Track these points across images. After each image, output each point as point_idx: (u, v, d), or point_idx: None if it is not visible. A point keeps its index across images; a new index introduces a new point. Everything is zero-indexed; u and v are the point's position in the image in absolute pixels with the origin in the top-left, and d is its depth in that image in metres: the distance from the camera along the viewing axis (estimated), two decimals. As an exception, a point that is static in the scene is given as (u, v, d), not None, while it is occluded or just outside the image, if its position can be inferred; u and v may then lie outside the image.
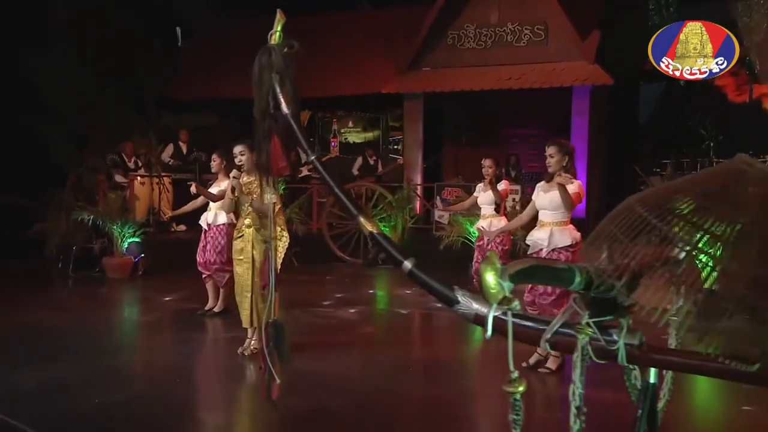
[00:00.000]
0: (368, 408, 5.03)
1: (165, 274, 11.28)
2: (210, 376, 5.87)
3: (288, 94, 2.77)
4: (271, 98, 2.77)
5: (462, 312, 2.42)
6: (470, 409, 5.25)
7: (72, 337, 6.99)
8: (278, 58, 2.78)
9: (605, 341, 2.11)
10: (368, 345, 6.91)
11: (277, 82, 2.76)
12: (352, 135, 16.50)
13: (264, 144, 2.82)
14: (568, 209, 5.76)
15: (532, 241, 5.84)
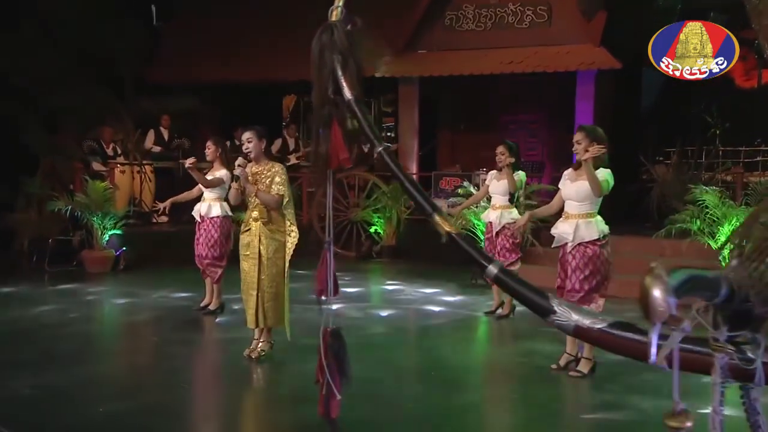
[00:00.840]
0: (397, 417, 4.86)
1: (148, 268, 11.04)
2: (218, 382, 5.67)
3: (351, 77, 2.58)
4: (332, 82, 2.58)
5: (558, 323, 2.23)
6: (501, 418, 5.09)
7: (60, 339, 6.76)
8: (341, 36, 2.59)
9: (740, 359, 1.93)
10: (383, 347, 6.73)
11: (339, 63, 2.56)
12: (342, 121, 16.23)
13: (323, 133, 2.62)
14: (596, 193, 5.58)
15: (557, 234, 5.69)
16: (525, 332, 7.29)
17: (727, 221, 8.21)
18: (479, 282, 10.21)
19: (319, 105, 2.58)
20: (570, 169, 5.81)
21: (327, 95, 2.58)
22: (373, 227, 12.92)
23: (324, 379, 2.62)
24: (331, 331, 2.66)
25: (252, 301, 5.91)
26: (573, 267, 5.53)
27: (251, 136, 5.92)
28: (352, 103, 2.53)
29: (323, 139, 2.60)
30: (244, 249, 5.99)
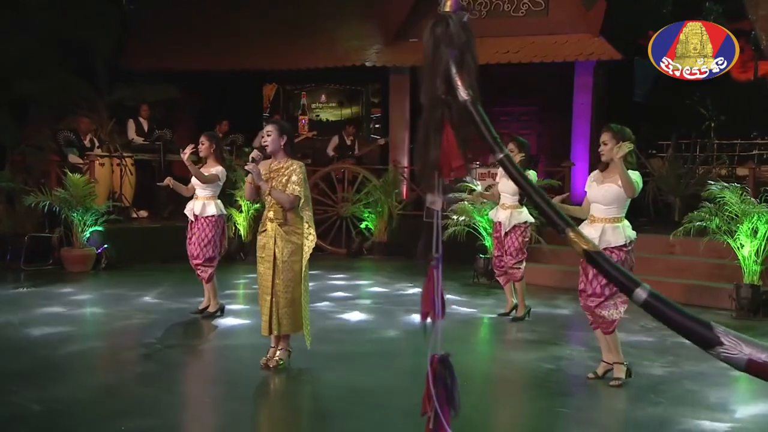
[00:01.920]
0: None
1: (132, 267, 10.70)
2: (237, 394, 5.37)
3: (468, 75, 2.34)
4: (444, 80, 2.33)
5: (726, 356, 2.02)
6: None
7: (53, 347, 6.42)
8: (457, 29, 2.34)
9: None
10: (398, 353, 6.51)
11: (455, 60, 2.31)
12: (326, 112, 15.91)
13: (434, 138, 2.37)
14: (629, 194, 5.42)
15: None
16: (546, 336, 7.14)
17: (747, 219, 8.11)
18: (481, 281, 10.07)
19: (429, 106, 2.33)
20: (596, 171, 5.64)
21: (438, 95, 2.31)
22: (364, 223, 12.68)
23: (432, 410, 2.36)
24: (440, 358, 2.41)
25: (266, 307, 5.66)
26: (595, 272, 5.35)
27: (272, 129, 5.65)
28: (468, 104, 2.28)
29: (434, 146, 2.34)
30: (260, 251, 5.74)
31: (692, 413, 4.94)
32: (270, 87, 16.16)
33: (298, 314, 5.67)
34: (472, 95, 2.32)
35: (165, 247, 11.37)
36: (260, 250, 5.74)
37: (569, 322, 8.01)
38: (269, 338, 5.79)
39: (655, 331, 7.08)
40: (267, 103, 16.19)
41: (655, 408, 5.05)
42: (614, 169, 5.40)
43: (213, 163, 7.68)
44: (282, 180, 5.62)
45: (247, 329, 7.13)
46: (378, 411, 4.96)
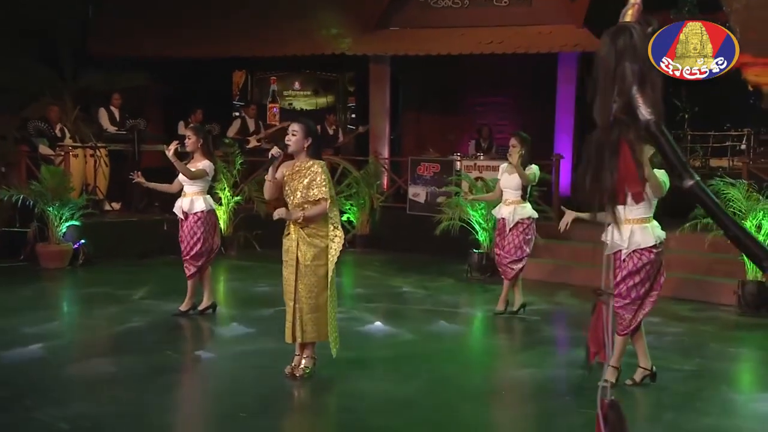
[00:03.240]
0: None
1: (110, 263, 10.27)
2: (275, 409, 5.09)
3: (652, 92, 2.11)
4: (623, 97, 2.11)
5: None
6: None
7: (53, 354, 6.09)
8: (641, 42, 2.11)
9: None
10: (422, 358, 6.28)
11: (637, 75, 2.09)
12: (301, 100, 15.52)
13: (609, 160, 2.15)
14: (658, 194, 5.29)
15: (610, 241, 5.33)
16: (556, 336, 7.03)
17: (751, 215, 8.11)
18: (475, 276, 9.91)
19: (605, 126, 2.10)
20: None
21: (614, 114, 2.09)
22: (345, 215, 12.40)
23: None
24: (610, 403, 2.20)
25: (289, 313, 5.41)
26: (624, 274, 5.26)
27: (298, 129, 5.36)
28: (651, 125, 2.06)
29: (609, 169, 2.12)
30: (284, 255, 5.49)
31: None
32: (239, 74, 15.69)
33: (323, 321, 5.42)
34: (656, 115, 2.10)
35: (142, 241, 10.99)
36: (284, 254, 5.49)
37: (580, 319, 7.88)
38: (294, 345, 5.53)
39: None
40: (236, 90, 15.72)
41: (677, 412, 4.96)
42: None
43: (200, 158, 7.38)
44: (303, 181, 5.35)
45: (259, 334, 6.85)
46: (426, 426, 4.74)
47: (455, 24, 12.77)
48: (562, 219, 5.78)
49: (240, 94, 15.69)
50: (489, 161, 11.51)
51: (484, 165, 11.38)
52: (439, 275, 9.97)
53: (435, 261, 10.73)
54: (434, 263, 10.64)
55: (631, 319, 5.31)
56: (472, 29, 12.53)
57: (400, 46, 12.85)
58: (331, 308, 5.41)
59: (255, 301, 8.29)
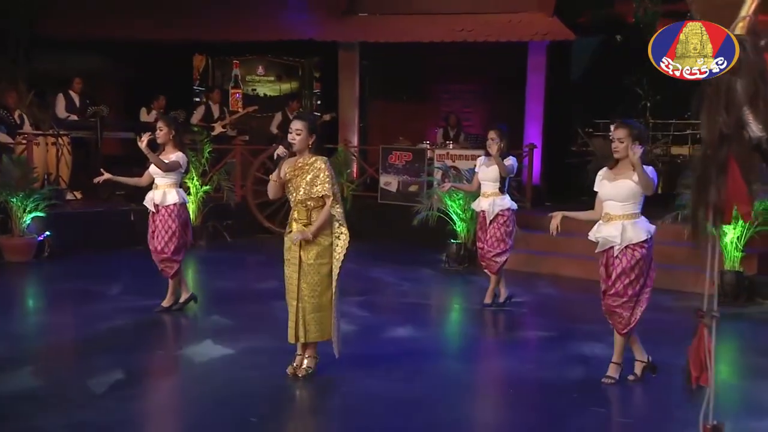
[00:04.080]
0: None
1: (77, 255, 9.93)
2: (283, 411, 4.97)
3: (764, 108, 2.04)
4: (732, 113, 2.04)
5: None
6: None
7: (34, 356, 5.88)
8: (754, 56, 2.04)
9: None
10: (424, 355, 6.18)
11: (747, 91, 2.02)
12: (264, 86, 15.24)
13: (717, 178, 2.08)
14: (650, 191, 5.31)
15: (602, 238, 5.34)
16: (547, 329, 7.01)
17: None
18: (452, 267, 9.87)
19: (713, 143, 2.03)
20: (604, 169, 5.46)
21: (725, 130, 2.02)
22: (315, 204, 12.24)
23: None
24: (713, 428, 2.14)
25: (292, 313, 5.27)
26: (619, 271, 5.27)
27: (302, 127, 5.20)
28: (763, 142, 1.99)
29: (716, 186, 2.05)
30: (286, 253, 5.35)
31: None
32: (199, 58, 15.33)
33: (327, 320, 5.31)
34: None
35: (108, 232, 10.66)
36: (286, 252, 5.35)
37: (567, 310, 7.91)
38: (295, 345, 5.40)
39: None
40: (197, 75, 15.37)
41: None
42: (625, 166, 5.26)
43: (172, 149, 7.13)
44: (306, 178, 5.22)
45: (246, 330, 6.70)
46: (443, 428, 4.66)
47: (425, 11, 12.67)
48: (552, 222, 5.68)
49: (201, 78, 15.35)
50: (462, 150, 11.48)
51: (457, 154, 11.33)
52: (416, 265, 9.90)
53: (409, 250, 10.66)
54: (408, 253, 10.57)
55: (629, 316, 5.31)
56: (443, 16, 12.46)
57: (370, 32, 12.70)
58: (334, 307, 5.31)
59: (233, 295, 8.13)
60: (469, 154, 11.26)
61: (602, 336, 6.48)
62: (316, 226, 5.18)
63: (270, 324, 6.95)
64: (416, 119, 14.41)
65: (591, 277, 9.25)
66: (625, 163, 5.28)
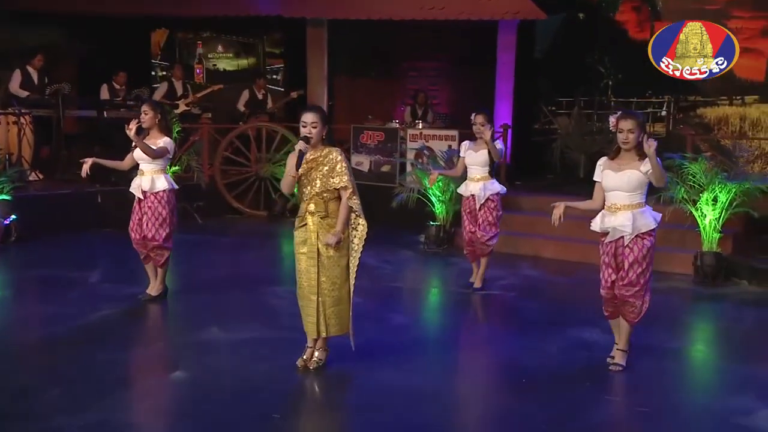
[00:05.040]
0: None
1: (45, 239, 9.65)
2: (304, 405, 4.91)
3: None
4: None
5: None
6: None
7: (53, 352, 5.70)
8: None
9: None
10: (424, 343, 6.22)
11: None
12: (223, 61, 14.94)
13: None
14: (663, 183, 5.40)
15: (612, 228, 5.39)
16: (541, 314, 7.07)
17: (708, 189, 8.39)
18: (431, 248, 9.87)
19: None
20: (605, 159, 5.50)
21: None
22: (286, 184, 12.09)
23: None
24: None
25: (312, 308, 5.17)
26: (631, 260, 5.35)
27: (317, 120, 5.08)
28: None
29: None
30: (300, 246, 5.22)
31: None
32: (160, 33, 14.93)
33: (345, 313, 5.26)
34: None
35: (74, 214, 10.36)
36: (300, 245, 5.22)
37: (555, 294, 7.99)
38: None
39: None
40: (158, 50, 14.96)
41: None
42: (629, 156, 5.30)
43: (158, 135, 6.93)
44: (323, 170, 5.12)
45: (237, 320, 6.59)
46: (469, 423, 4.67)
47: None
48: (555, 212, 5.69)
49: (162, 54, 14.96)
50: (435, 130, 11.44)
51: (430, 134, 11.29)
52: (396, 247, 9.86)
53: (386, 232, 10.53)
54: (386, 234, 10.44)
55: (641, 305, 5.40)
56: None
57: (340, 9, 12.50)
58: (350, 299, 5.28)
59: (217, 282, 7.93)
60: (443, 134, 11.24)
61: (596, 321, 6.54)
62: (341, 222, 5.10)
63: (260, 312, 6.89)
64: (383, 97, 14.33)
65: (569, 258, 9.49)
66: (629, 154, 5.32)
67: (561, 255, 9.61)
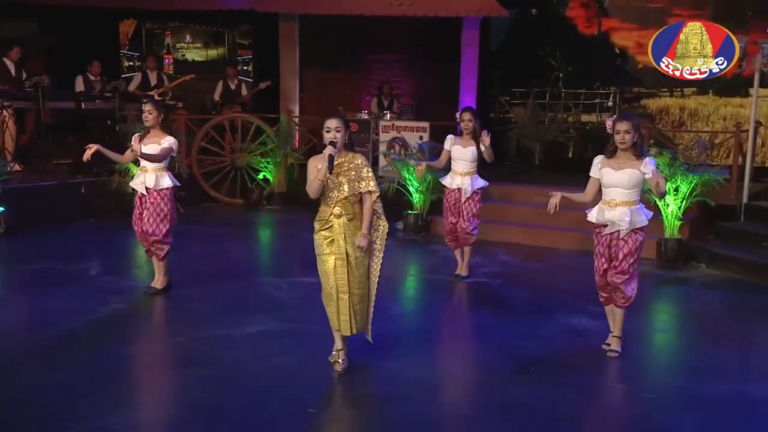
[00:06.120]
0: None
1: (34, 231, 9.38)
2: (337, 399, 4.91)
3: None
4: None
5: None
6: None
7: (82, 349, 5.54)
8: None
9: None
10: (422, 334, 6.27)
11: None
12: (192, 51, 14.64)
13: None
14: (660, 196, 5.69)
15: (610, 222, 5.56)
16: (529, 301, 7.20)
17: (671, 181, 8.64)
18: (409, 236, 9.93)
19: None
20: (602, 157, 5.65)
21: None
22: (261, 173, 11.99)
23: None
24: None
25: (345, 306, 5.08)
26: (626, 252, 5.54)
27: (340, 125, 5.02)
28: None
29: None
30: (326, 248, 5.10)
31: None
32: (128, 23, 14.53)
33: (365, 311, 5.27)
34: None
35: (59, 206, 10.10)
36: (325, 246, 5.10)
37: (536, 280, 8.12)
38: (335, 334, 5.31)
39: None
40: (126, 40, 14.56)
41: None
42: (627, 156, 5.46)
43: (161, 134, 6.81)
44: (350, 174, 5.05)
45: (247, 312, 6.55)
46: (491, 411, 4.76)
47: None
48: (551, 201, 5.82)
49: (130, 44, 14.57)
50: (408, 122, 11.47)
51: (402, 126, 11.32)
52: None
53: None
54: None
55: (631, 291, 5.60)
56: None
57: (311, 4, 12.37)
58: (372, 296, 5.28)
59: (213, 274, 7.78)
60: (414, 125, 11.29)
61: (583, 307, 6.76)
62: (366, 224, 5.05)
63: (264, 305, 6.82)
64: (351, 88, 14.27)
65: (536, 243, 9.68)
66: (626, 153, 5.48)
67: (527, 240, 9.80)
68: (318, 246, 5.18)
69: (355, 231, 5.10)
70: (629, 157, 5.47)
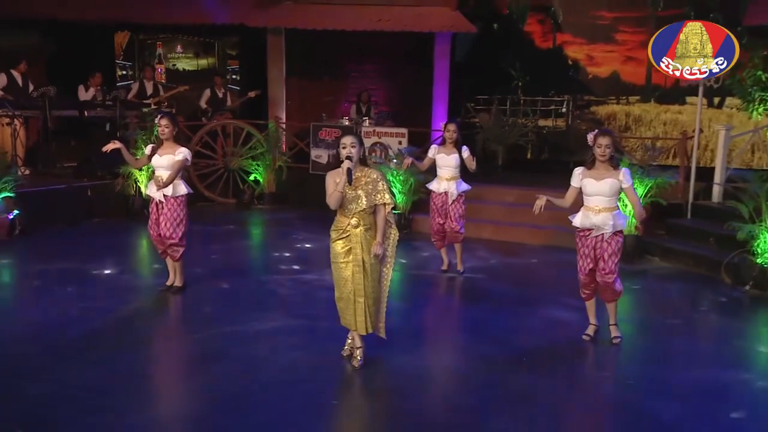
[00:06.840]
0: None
1: (46, 232, 9.20)
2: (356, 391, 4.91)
3: None
4: None
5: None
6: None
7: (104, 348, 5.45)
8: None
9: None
10: (421, 327, 6.32)
11: None
12: (182, 61, 14.40)
13: None
14: (640, 217, 6.01)
15: (595, 227, 5.69)
16: (514, 295, 7.28)
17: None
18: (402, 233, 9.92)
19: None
20: (583, 168, 5.78)
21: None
22: (252, 175, 11.90)
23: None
24: None
25: (361, 308, 5.09)
26: (610, 252, 5.69)
27: (355, 141, 5.02)
28: None
29: None
30: (342, 256, 5.08)
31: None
32: (122, 35, 14.23)
33: (378, 311, 5.28)
34: None
35: (67, 208, 9.90)
36: (342, 255, 5.07)
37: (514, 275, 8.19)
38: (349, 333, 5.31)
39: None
40: (120, 51, 14.27)
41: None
42: (605, 167, 5.63)
43: (174, 145, 6.74)
44: (367, 188, 5.05)
45: (257, 308, 6.52)
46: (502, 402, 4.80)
47: (344, 1, 12.39)
48: (537, 203, 5.91)
49: (124, 54, 14.27)
50: (387, 128, 11.47)
51: (383, 131, 11.32)
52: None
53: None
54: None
55: (619, 287, 5.76)
56: (359, 7, 12.24)
57: (297, 19, 12.28)
58: (384, 298, 5.29)
59: (216, 271, 7.73)
60: (394, 131, 11.29)
61: (562, 300, 6.88)
62: (381, 234, 5.05)
63: (272, 302, 6.79)
64: (331, 96, 14.21)
65: (505, 239, 9.79)
66: (604, 165, 5.64)
67: (499, 236, 9.91)
68: (335, 255, 5.14)
69: (371, 240, 5.09)
70: (607, 168, 5.64)
